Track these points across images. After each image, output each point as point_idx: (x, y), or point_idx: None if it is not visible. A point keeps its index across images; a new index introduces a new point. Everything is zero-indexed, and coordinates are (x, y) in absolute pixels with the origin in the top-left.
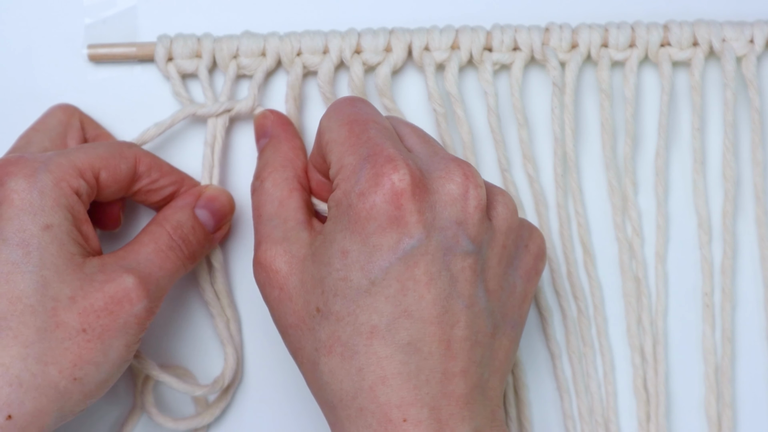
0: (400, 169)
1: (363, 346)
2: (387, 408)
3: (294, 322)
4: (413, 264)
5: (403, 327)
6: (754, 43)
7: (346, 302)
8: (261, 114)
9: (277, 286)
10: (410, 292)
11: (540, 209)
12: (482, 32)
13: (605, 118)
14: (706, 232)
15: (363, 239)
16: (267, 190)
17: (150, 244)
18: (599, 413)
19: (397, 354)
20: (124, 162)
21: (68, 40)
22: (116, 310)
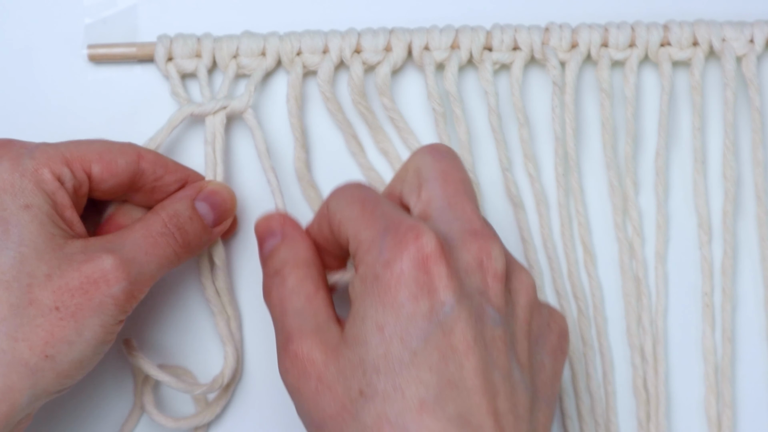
0: (424, 234)
1: (413, 423)
2: None
3: (334, 411)
4: (449, 331)
5: (451, 398)
6: (754, 42)
7: (390, 378)
8: (264, 217)
9: (314, 378)
10: (451, 362)
11: (541, 209)
12: (482, 32)
13: (606, 118)
14: (707, 232)
15: (396, 310)
16: (291, 286)
17: (140, 230)
18: (599, 413)
19: (449, 428)
20: (122, 157)
21: (68, 40)
22: (91, 289)
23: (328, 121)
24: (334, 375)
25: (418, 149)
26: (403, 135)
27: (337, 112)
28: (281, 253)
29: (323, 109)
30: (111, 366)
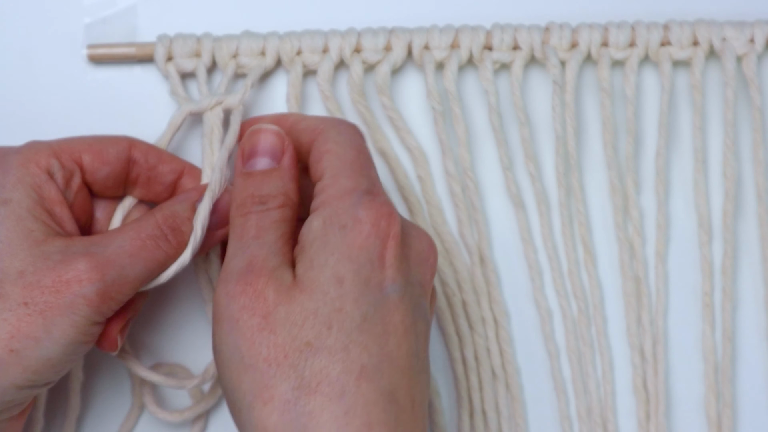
0: (395, 218)
1: (353, 386)
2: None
3: (271, 356)
4: (394, 309)
5: (387, 373)
6: (755, 42)
7: (341, 336)
8: (276, 132)
9: (260, 315)
10: (391, 337)
11: (541, 208)
12: (482, 31)
13: (606, 117)
14: (707, 231)
15: (356, 268)
16: (274, 219)
17: (129, 232)
18: (597, 413)
19: (381, 401)
20: (113, 146)
21: (68, 40)
22: (62, 289)
23: None
24: (281, 319)
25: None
26: (401, 135)
27: (336, 111)
28: (273, 182)
29: (322, 109)
30: (109, 364)
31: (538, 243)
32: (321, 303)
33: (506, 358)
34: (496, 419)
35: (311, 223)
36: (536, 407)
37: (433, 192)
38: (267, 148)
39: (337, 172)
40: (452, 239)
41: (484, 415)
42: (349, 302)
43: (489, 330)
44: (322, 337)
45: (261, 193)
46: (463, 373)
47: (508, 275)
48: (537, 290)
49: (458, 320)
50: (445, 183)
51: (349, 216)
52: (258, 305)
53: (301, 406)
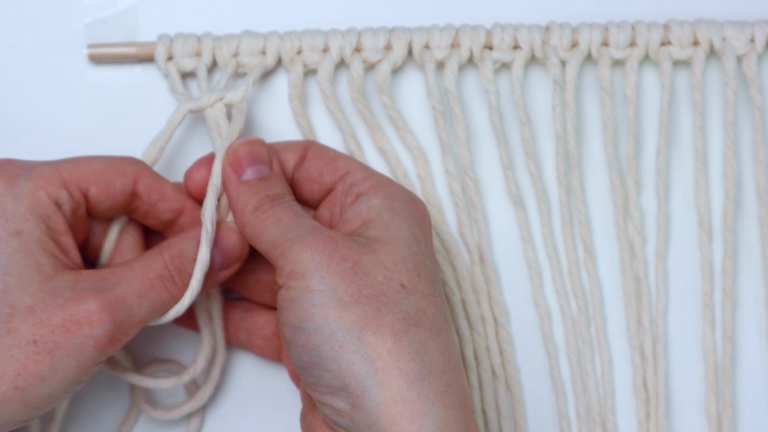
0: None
1: (444, 327)
2: (466, 392)
3: (372, 293)
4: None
5: (450, 324)
6: (755, 42)
7: (428, 284)
8: (249, 141)
9: (350, 260)
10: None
11: (542, 208)
12: (482, 31)
13: (607, 117)
14: (707, 231)
15: (425, 234)
16: (298, 207)
17: (138, 270)
18: (597, 412)
19: (457, 346)
20: (120, 178)
21: (68, 40)
22: (73, 329)
23: (326, 120)
24: (373, 263)
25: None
26: (401, 134)
27: (336, 111)
28: (278, 183)
29: (321, 109)
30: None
31: (538, 242)
32: (407, 253)
33: (506, 358)
34: (496, 419)
35: (370, 201)
36: (536, 407)
37: (432, 191)
38: (257, 157)
39: (365, 168)
40: (452, 238)
41: (483, 414)
42: (428, 258)
43: (489, 329)
44: (413, 281)
45: (273, 192)
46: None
47: (508, 275)
48: (536, 290)
49: (458, 320)
50: (445, 182)
51: (406, 195)
52: (346, 252)
53: (413, 334)
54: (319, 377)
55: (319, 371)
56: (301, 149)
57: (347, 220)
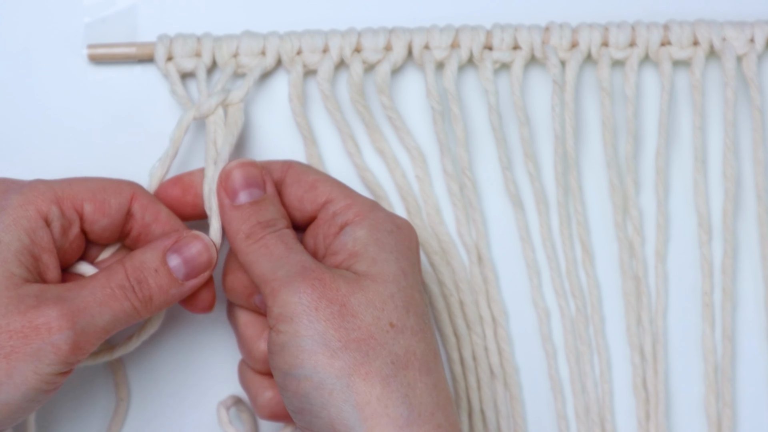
0: (412, 225)
1: (433, 364)
2: (457, 429)
3: (359, 337)
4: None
5: (440, 359)
6: (755, 42)
7: (417, 319)
8: (242, 163)
9: (338, 302)
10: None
11: (540, 207)
12: (482, 31)
13: (606, 117)
14: (707, 231)
15: (412, 265)
16: (290, 235)
17: (101, 279)
18: (595, 412)
19: (446, 380)
20: (115, 197)
21: (68, 40)
22: (31, 335)
23: (325, 120)
24: (361, 304)
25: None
26: (400, 134)
27: (335, 111)
28: (271, 207)
29: (321, 109)
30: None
31: (537, 242)
32: (395, 289)
33: (505, 357)
34: (495, 418)
35: (354, 233)
36: (534, 406)
37: (430, 192)
38: (249, 179)
39: (347, 193)
40: (449, 239)
41: (482, 414)
42: (417, 292)
43: (487, 329)
44: (403, 319)
45: (266, 218)
46: (461, 373)
47: (507, 274)
48: (535, 289)
49: (456, 320)
50: (443, 183)
51: (391, 223)
52: (333, 295)
53: (401, 378)
54: (310, 422)
55: (310, 417)
56: (279, 171)
57: (334, 252)
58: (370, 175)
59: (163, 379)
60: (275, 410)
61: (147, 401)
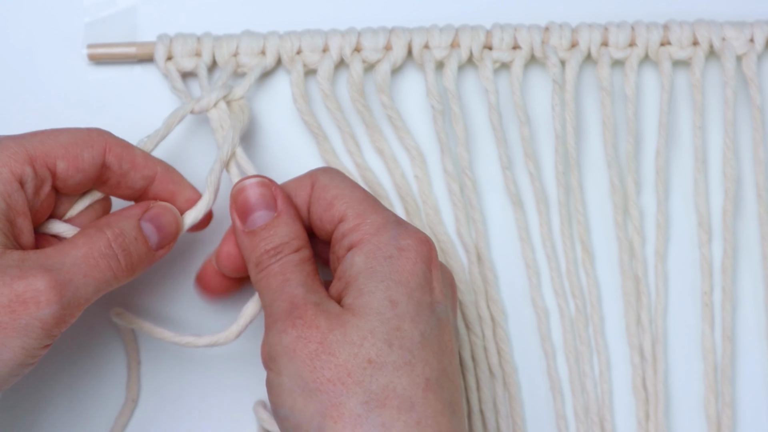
0: (432, 243)
1: (420, 398)
2: None
3: (334, 376)
4: (443, 328)
5: (446, 385)
6: (755, 42)
7: (402, 352)
8: (254, 183)
9: (316, 341)
10: (445, 354)
11: (540, 207)
12: (482, 31)
13: (606, 117)
14: (707, 231)
15: (408, 292)
16: (296, 261)
17: (83, 248)
18: (594, 412)
19: (447, 411)
20: (88, 150)
21: (68, 40)
22: (19, 309)
23: (325, 120)
24: (338, 341)
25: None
26: (399, 134)
27: (335, 110)
28: (281, 230)
29: (321, 109)
30: (105, 357)
31: (537, 242)
32: (377, 323)
33: (504, 357)
34: (494, 419)
35: (353, 259)
36: (534, 406)
37: (430, 192)
38: (259, 200)
39: (360, 211)
40: (448, 239)
41: (481, 414)
42: (407, 321)
43: (486, 329)
44: (383, 354)
45: (273, 245)
46: (460, 374)
47: (506, 274)
48: (534, 289)
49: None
50: (443, 182)
51: (393, 247)
52: (311, 333)
53: (373, 419)
54: None
55: None
56: (305, 189)
57: (338, 278)
58: (370, 174)
59: (173, 386)
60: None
61: (154, 405)
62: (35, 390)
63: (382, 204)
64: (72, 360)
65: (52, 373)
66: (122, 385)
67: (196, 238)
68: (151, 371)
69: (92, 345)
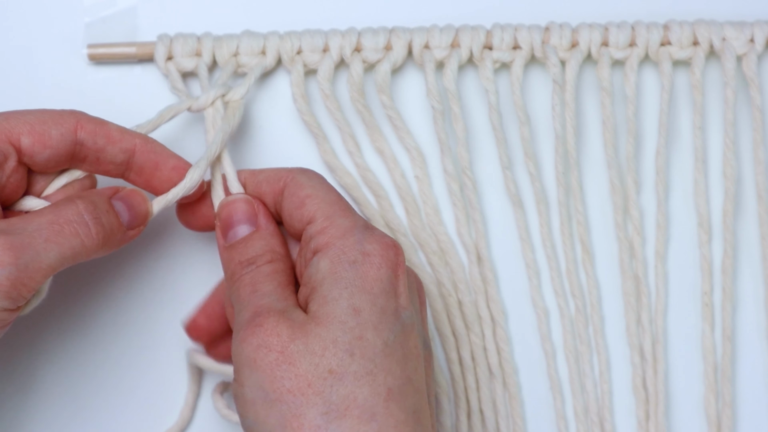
0: (399, 248)
1: (382, 408)
2: None
3: (294, 386)
4: (408, 334)
5: (410, 393)
6: (755, 42)
7: (364, 362)
8: (234, 200)
9: (276, 351)
10: (410, 361)
11: (540, 207)
12: (482, 31)
13: (606, 117)
14: (707, 231)
15: (372, 299)
16: (266, 273)
17: (48, 215)
18: (594, 412)
19: (410, 420)
20: (56, 127)
21: (68, 39)
22: None
23: (325, 120)
24: (299, 351)
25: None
26: (399, 134)
27: (335, 111)
28: (257, 243)
29: (321, 109)
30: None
31: (537, 242)
32: (340, 332)
33: (504, 357)
34: (494, 419)
35: (318, 264)
36: (534, 406)
37: (429, 192)
38: (240, 216)
39: (329, 213)
40: (448, 239)
41: (481, 414)
42: (369, 330)
43: (486, 329)
44: (344, 364)
45: (247, 257)
46: (460, 374)
47: (506, 274)
48: (534, 289)
49: (454, 320)
50: (443, 182)
51: (358, 251)
52: (272, 342)
53: (333, 429)
54: None
55: None
56: (280, 182)
57: (304, 283)
58: (371, 174)
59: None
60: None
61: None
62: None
63: (354, 209)
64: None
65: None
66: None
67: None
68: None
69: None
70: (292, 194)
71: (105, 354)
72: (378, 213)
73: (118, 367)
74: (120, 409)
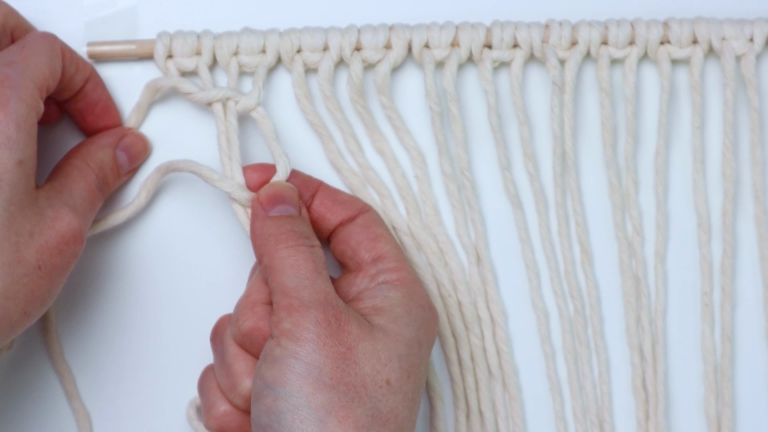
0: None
1: (409, 431)
2: None
3: (351, 382)
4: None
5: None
6: (754, 41)
7: (414, 387)
8: (295, 189)
9: (345, 344)
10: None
11: (539, 208)
12: (482, 29)
13: (605, 117)
14: (706, 231)
15: (428, 343)
16: (320, 256)
17: (81, 181)
18: (594, 413)
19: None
20: (58, 61)
21: (68, 38)
22: (65, 249)
23: (325, 120)
24: (367, 352)
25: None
26: (399, 134)
27: (336, 111)
28: (305, 225)
29: (321, 108)
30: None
31: (536, 243)
32: (406, 352)
33: (503, 358)
34: (494, 419)
35: (389, 292)
36: (533, 407)
37: (429, 192)
38: (288, 198)
39: (400, 258)
40: (447, 239)
41: (481, 415)
42: (423, 365)
43: (486, 330)
44: (401, 381)
45: (300, 230)
46: (459, 374)
47: (506, 275)
48: (534, 290)
49: (454, 321)
50: (443, 183)
51: (425, 300)
52: (343, 336)
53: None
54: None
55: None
56: (313, 189)
57: (360, 299)
58: (373, 173)
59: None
60: (225, 425)
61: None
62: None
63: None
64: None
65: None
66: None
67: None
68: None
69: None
70: (367, 227)
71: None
72: (381, 212)
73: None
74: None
